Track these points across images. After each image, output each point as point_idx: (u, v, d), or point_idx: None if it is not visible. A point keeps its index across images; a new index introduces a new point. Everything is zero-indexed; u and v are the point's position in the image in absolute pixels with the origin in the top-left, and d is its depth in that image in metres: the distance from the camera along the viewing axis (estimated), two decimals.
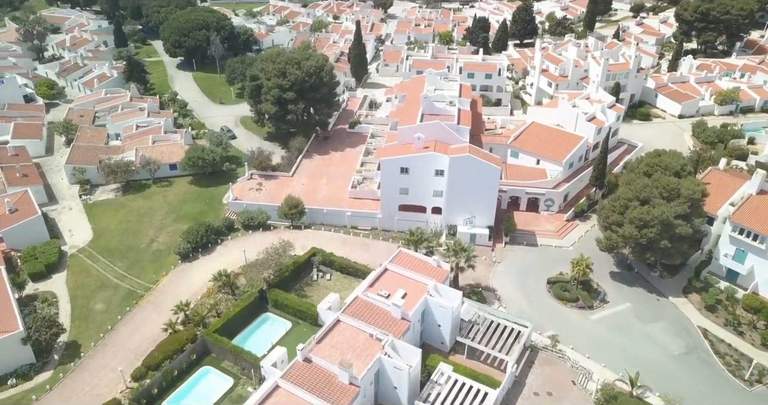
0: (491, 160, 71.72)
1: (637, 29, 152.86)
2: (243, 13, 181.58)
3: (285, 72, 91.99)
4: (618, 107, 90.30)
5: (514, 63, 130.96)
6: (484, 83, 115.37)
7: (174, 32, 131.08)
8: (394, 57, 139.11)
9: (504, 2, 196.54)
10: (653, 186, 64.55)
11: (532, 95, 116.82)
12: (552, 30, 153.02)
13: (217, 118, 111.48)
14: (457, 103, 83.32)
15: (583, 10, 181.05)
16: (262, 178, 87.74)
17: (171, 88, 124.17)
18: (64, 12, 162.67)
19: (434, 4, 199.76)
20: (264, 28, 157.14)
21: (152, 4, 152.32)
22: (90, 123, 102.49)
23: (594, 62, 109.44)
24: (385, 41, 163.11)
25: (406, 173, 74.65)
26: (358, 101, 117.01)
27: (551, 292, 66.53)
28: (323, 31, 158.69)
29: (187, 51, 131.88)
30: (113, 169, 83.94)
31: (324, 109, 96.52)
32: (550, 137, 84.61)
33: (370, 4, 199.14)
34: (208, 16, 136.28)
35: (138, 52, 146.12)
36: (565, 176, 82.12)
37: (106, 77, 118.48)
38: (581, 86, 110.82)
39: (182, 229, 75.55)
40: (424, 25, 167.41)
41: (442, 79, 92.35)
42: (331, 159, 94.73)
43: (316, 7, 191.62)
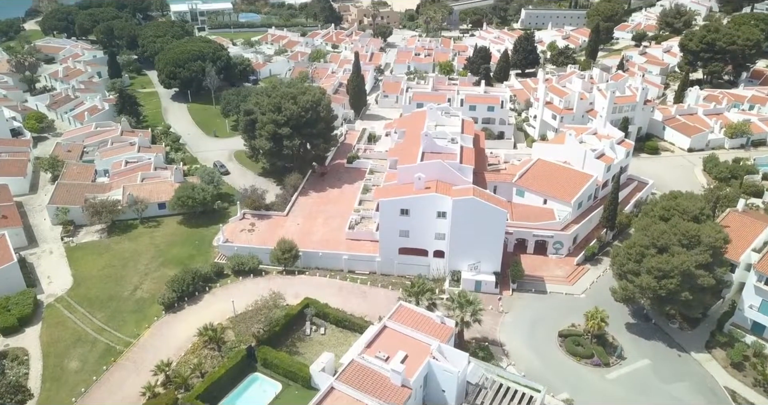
0: (497, 203, 67.53)
1: (640, 59, 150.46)
2: (241, 43, 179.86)
3: (280, 107, 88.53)
4: (627, 143, 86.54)
5: (516, 94, 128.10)
6: (486, 116, 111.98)
7: (169, 63, 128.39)
8: (393, 88, 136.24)
9: (504, 31, 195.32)
10: (671, 232, 60.16)
11: (535, 128, 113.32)
12: (554, 59, 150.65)
13: (211, 152, 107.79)
14: (459, 140, 79.55)
15: (584, 39, 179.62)
16: (255, 218, 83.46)
17: (164, 121, 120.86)
18: (60, 42, 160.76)
19: (434, 33, 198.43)
20: (261, 58, 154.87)
21: (148, 34, 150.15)
22: (78, 158, 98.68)
23: (599, 95, 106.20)
24: (385, 71, 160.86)
25: (407, 215, 70.42)
26: (356, 134, 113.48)
27: (563, 347, 61.61)
28: (321, 61, 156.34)
29: (181, 82, 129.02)
30: (98, 210, 79.70)
31: (321, 145, 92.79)
32: (557, 175, 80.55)
33: (369, 33, 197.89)
34: (204, 47, 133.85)
35: (132, 83, 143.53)
36: (573, 217, 77.84)
37: (97, 110, 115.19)
38: (587, 119, 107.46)
39: (169, 274, 71.00)
40: (424, 55, 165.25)
41: (443, 114, 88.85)
42: (328, 196, 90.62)
43: (315, 36, 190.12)
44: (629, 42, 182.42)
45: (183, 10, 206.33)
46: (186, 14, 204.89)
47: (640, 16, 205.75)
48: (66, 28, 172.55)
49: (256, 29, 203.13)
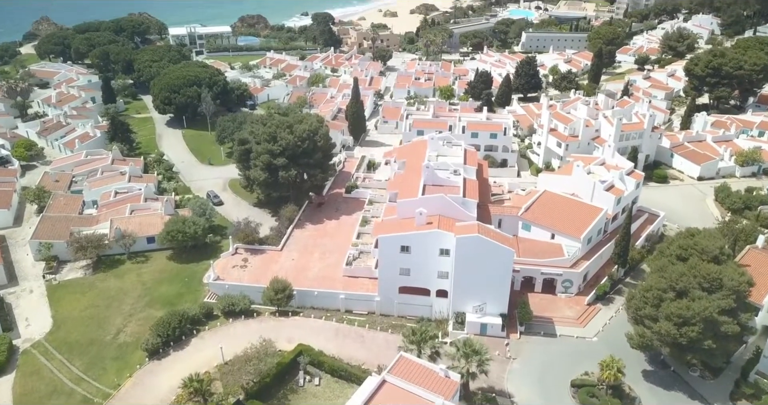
0: (504, 241, 63.62)
1: (644, 83, 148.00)
2: (239, 66, 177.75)
3: (276, 136, 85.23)
4: (637, 174, 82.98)
5: (519, 120, 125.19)
6: (488, 143, 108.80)
7: (164, 89, 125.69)
8: (393, 113, 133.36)
9: (505, 54, 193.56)
10: (691, 275, 56.19)
11: (540, 155, 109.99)
12: (557, 84, 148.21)
13: (205, 181, 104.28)
14: (462, 171, 76.04)
15: (586, 62, 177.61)
16: (248, 253, 79.49)
17: (158, 148, 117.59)
18: (55, 66, 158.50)
19: (434, 56, 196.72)
20: (259, 83, 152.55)
21: (144, 59, 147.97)
22: (66, 189, 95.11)
23: (606, 122, 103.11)
24: (384, 96, 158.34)
25: (407, 252, 66.49)
26: (355, 162, 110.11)
27: (576, 399, 57.17)
28: (320, 85, 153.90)
29: (176, 108, 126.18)
30: (83, 245, 75.79)
31: (318, 175, 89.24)
32: (565, 209, 76.83)
33: (368, 57, 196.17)
34: (201, 72, 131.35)
35: (127, 108, 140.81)
36: (583, 253, 73.88)
37: (88, 137, 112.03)
38: (592, 146, 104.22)
39: (155, 315, 66.94)
40: (424, 79, 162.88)
41: (445, 144, 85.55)
42: (325, 229, 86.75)
43: (314, 60, 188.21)
44: (632, 65, 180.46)
45: (181, 34, 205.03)
46: (184, 38, 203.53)
47: (641, 39, 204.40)
48: (62, 52, 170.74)
49: (254, 53, 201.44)
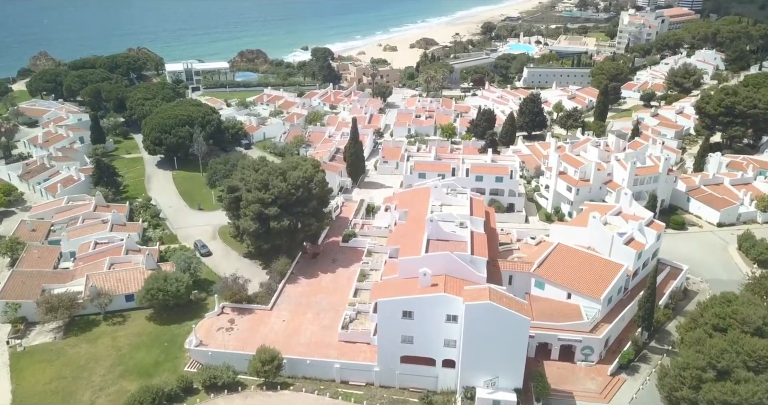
0: (518, 308, 56.94)
1: (652, 121, 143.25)
2: (235, 103, 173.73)
3: (268, 184, 79.42)
4: (657, 225, 76.73)
5: (524, 160, 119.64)
6: (494, 187, 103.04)
7: (154, 129, 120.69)
8: (393, 153, 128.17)
9: (507, 90, 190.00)
10: (733, 351, 49.40)
11: (548, 199, 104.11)
12: (562, 122, 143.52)
13: (193, 228, 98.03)
14: (469, 224, 69.83)
15: (590, 98, 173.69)
16: (235, 313, 72.72)
17: (145, 192, 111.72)
18: (46, 104, 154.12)
19: (434, 92, 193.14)
20: (255, 121, 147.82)
21: (137, 97, 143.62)
22: (43, 238, 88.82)
23: (618, 165, 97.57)
24: (384, 134, 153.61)
25: (410, 318, 59.85)
26: (353, 206, 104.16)
27: None
28: (317, 124, 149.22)
29: (167, 149, 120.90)
30: (54, 306, 69.03)
31: (313, 225, 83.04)
32: (581, 265, 70.37)
33: (368, 93, 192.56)
34: (193, 111, 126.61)
35: (117, 148, 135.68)
36: (603, 315, 67.09)
37: (72, 181, 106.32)
38: (605, 191, 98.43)
39: (128, 389, 59.95)
40: (425, 117, 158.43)
41: (449, 192, 79.63)
42: (320, 284, 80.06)
43: (312, 96, 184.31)
44: (637, 101, 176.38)
45: (178, 70, 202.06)
46: (181, 74, 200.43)
47: (645, 74, 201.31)
48: (54, 89, 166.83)
49: (252, 89, 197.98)
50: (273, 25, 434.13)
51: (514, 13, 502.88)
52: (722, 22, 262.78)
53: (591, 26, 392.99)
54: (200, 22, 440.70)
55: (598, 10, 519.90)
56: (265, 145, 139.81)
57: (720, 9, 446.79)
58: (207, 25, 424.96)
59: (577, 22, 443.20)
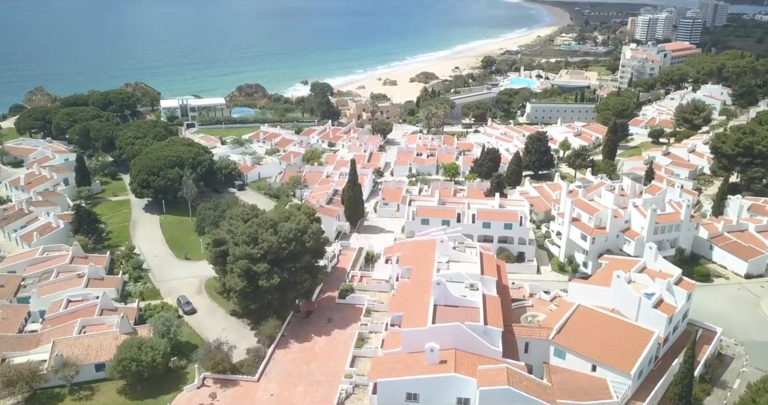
0: (541, 393, 49.29)
1: (664, 160, 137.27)
2: (231, 140, 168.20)
3: (257, 237, 72.39)
4: (687, 283, 69.29)
5: (533, 203, 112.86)
6: (502, 234, 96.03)
7: (142, 170, 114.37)
8: (394, 195, 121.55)
9: (511, 127, 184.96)
10: None
11: (561, 247, 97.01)
12: (570, 161, 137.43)
13: (178, 281, 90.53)
14: (480, 286, 62.54)
15: (597, 135, 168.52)
16: (218, 385, 64.85)
17: (129, 239, 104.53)
18: (32, 143, 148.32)
19: (436, 129, 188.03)
20: (250, 160, 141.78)
21: (127, 136, 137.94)
22: (11, 295, 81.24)
23: (636, 212, 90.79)
24: (384, 173, 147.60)
25: (415, 401, 52.10)
26: (351, 255, 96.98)
27: None
28: (315, 163, 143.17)
29: (155, 191, 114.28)
30: (12, 380, 61.13)
31: (305, 282, 75.62)
32: (606, 331, 62.74)
33: (367, 130, 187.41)
34: (184, 151, 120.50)
35: (104, 189, 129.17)
36: (633, 391, 59.15)
37: (50, 228, 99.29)
38: (622, 239, 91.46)
39: None
40: (427, 155, 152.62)
41: (456, 246, 72.62)
42: (313, 349, 72.18)
43: (310, 133, 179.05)
44: (645, 138, 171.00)
45: (173, 106, 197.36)
46: (176, 110, 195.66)
47: (651, 109, 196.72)
48: (43, 127, 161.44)
49: (248, 125, 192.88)
50: (274, 59, 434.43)
51: (513, 46, 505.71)
52: (726, 56, 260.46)
53: (591, 60, 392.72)
54: (201, 57, 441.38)
55: (596, 43, 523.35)
56: (259, 186, 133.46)
57: (717, 43, 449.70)
58: (208, 60, 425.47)
59: (577, 55, 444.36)
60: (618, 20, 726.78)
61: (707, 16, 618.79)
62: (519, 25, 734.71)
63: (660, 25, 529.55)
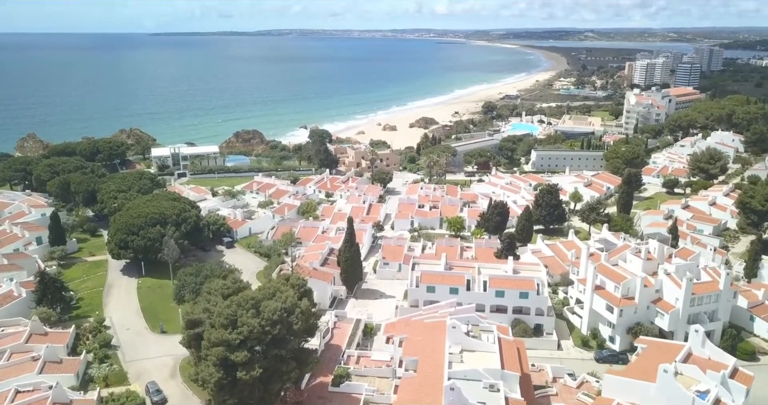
0: None
1: (684, 214, 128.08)
2: (222, 191, 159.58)
3: (236, 320, 62.03)
4: (745, 376, 58.58)
5: (547, 264, 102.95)
6: (518, 304, 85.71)
7: (120, 229, 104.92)
8: (395, 254, 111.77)
9: (516, 176, 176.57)
10: None
11: (583, 318, 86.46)
12: (584, 216, 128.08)
13: (150, 361, 79.47)
14: (501, 386, 51.85)
15: (608, 185, 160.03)
16: None
17: (101, 308, 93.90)
18: (10, 196, 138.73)
19: (438, 178, 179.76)
20: (240, 215, 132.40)
21: (109, 189, 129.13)
22: None
23: (668, 280, 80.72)
24: (384, 225, 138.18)
25: None
26: (347, 328, 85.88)
27: None
28: (310, 217, 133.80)
29: (135, 252, 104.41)
30: None
31: (292, 371, 64.69)
32: None
33: (367, 179, 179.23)
34: (168, 207, 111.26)
35: (81, 248, 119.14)
36: None
37: (11, 297, 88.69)
38: (653, 311, 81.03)
39: None
40: (429, 207, 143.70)
41: (470, 330, 62.18)
42: None
43: (306, 183, 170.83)
44: (659, 188, 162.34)
45: (164, 155, 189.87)
46: (167, 159, 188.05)
47: (661, 157, 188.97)
48: (24, 178, 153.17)
49: (243, 174, 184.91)
50: (274, 104, 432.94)
51: (512, 91, 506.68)
52: (732, 102, 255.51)
53: (592, 104, 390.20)
54: (202, 102, 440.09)
55: (595, 88, 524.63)
56: (249, 243, 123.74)
57: (716, 87, 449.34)
58: (209, 106, 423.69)
59: (576, 99, 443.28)
60: (615, 65, 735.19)
61: (703, 61, 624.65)
62: (517, 69, 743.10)
63: (658, 69, 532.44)
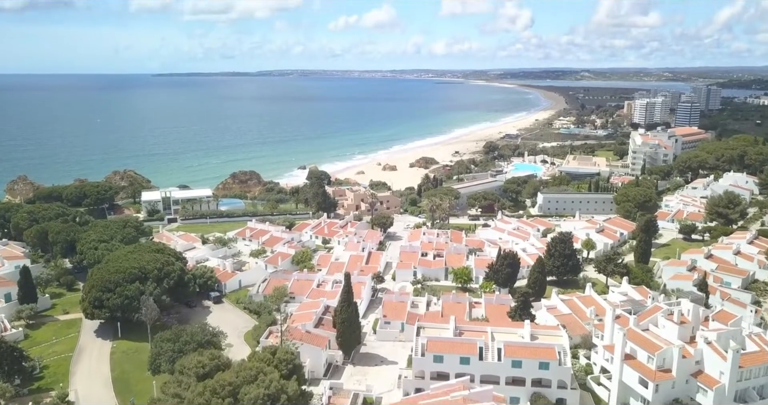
0: None
1: (707, 264, 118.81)
2: (213, 238, 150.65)
3: None
4: None
5: (565, 323, 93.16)
6: (537, 376, 75.59)
7: (95, 286, 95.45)
8: (397, 311, 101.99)
9: (523, 221, 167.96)
10: None
11: (611, 392, 76.05)
12: (601, 267, 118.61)
13: None
14: None
15: (621, 231, 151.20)
16: None
17: (67, 379, 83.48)
18: None
19: (441, 222, 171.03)
20: (230, 266, 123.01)
21: (90, 238, 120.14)
22: None
23: (710, 350, 70.82)
24: (385, 276, 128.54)
25: None
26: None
27: None
28: (305, 269, 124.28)
29: (110, 310, 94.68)
30: None
31: None
32: None
33: (366, 222, 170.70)
34: (150, 261, 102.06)
35: (55, 305, 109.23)
36: None
37: None
38: (693, 386, 70.81)
39: None
40: (433, 256, 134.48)
41: None
42: None
43: (303, 229, 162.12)
44: (675, 234, 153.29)
45: (155, 199, 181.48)
46: (158, 203, 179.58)
47: (674, 200, 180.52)
48: (3, 226, 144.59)
49: (236, 219, 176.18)
50: (275, 145, 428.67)
51: (512, 130, 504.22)
52: (739, 141, 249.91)
53: (595, 144, 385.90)
54: (202, 143, 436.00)
55: (595, 127, 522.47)
56: (239, 298, 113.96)
57: (718, 126, 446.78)
58: (208, 146, 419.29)
59: (577, 138, 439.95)
60: (613, 104, 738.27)
61: (701, 100, 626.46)
62: (517, 109, 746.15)
63: (658, 108, 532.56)
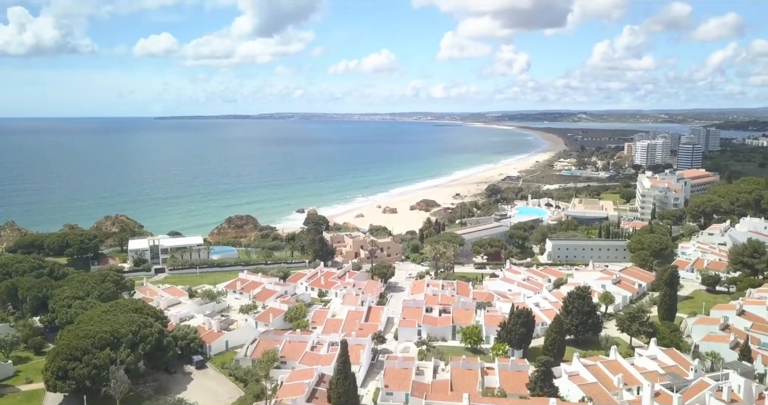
0: None
1: (740, 321, 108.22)
2: (201, 292, 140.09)
3: None
4: None
5: (590, 394, 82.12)
6: None
7: (60, 354, 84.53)
8: (400, 380, 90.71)
9: (533, 270, 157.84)
10: None
11: None
12: (623, 326, 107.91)
13: None
14: None
15: (640, 282, 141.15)
16: None
17: None
18: None
19: (446, 272, 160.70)
20: (216, 325, 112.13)
21: (63, 295, 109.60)
22: None
23: None
24: (386, 335, 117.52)
25: None
26: None
27: None
28: (298, 329, 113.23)
29: (76, 382, 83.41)
30: None
31: None
32: None
33: (365, 272, 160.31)
34: (125, 323, 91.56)
35: (18, 372, 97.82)
36: None
37: None
38: None
39: None
40: (439, 312, 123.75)
41: None
42: None
43: (298, 279, 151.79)
44: (697, 286, 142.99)
45: (142, 248, 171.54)
46: (145, 252, 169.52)
47: (690, 247, 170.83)
48: None
49: (228, 269, 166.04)
50: (274, 188, 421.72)
51: (513, 172, 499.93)
52: (751, 185, 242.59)
53: (598, 186, 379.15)
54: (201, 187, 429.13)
55: (597, 168, 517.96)
56: (224, 362, 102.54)
57: (720, 168, 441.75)
58: (207, 190, 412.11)
59: (579, 180, 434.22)
60: (612, 145, 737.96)
61: (701, 142, 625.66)
62: (517, 150, 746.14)
63: (659, 150, 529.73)
